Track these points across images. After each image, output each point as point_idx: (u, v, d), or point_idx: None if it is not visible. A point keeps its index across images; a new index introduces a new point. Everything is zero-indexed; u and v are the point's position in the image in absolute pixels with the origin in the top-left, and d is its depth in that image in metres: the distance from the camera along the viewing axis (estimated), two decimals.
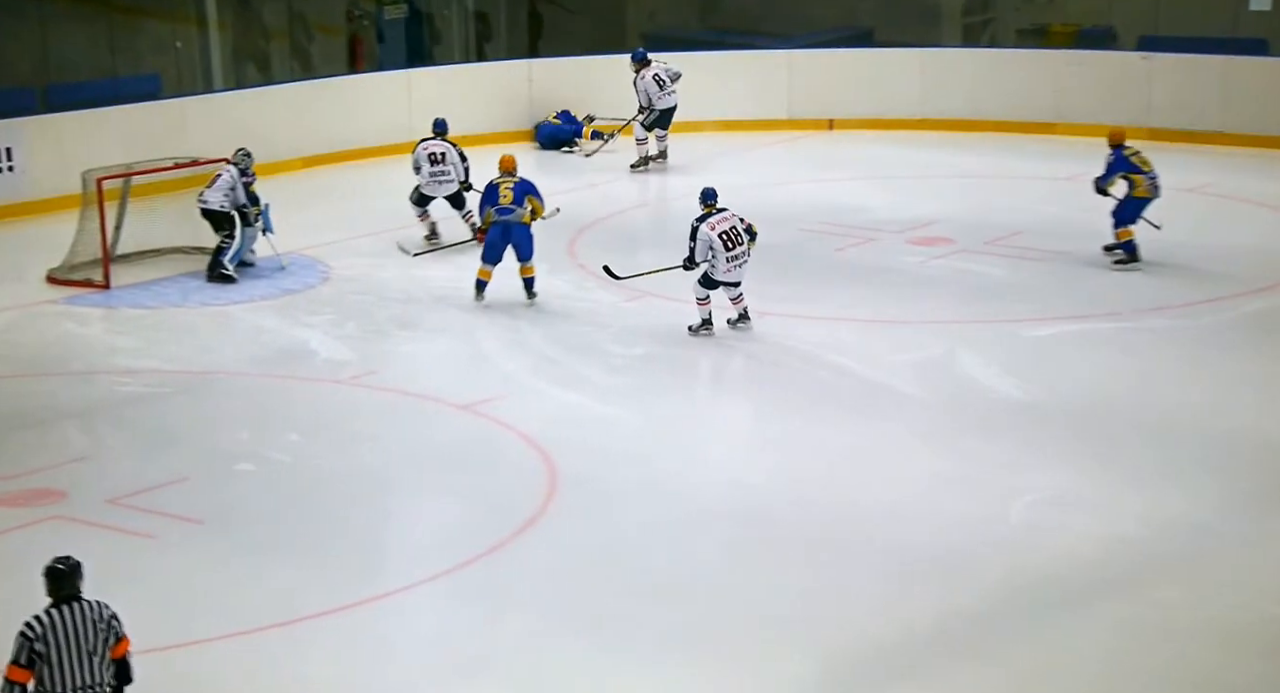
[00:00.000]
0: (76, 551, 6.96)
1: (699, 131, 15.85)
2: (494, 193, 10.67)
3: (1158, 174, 11.12)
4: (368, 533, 7.31)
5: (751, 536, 7.23)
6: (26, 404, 8.80)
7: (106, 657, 4.96)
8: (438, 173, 12.07)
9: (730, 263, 9.75)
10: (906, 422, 8.60)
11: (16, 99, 14.08)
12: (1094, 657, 6.15)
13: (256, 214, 11.19)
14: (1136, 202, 11.11)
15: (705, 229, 9.74)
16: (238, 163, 11.24)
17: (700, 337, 9.90)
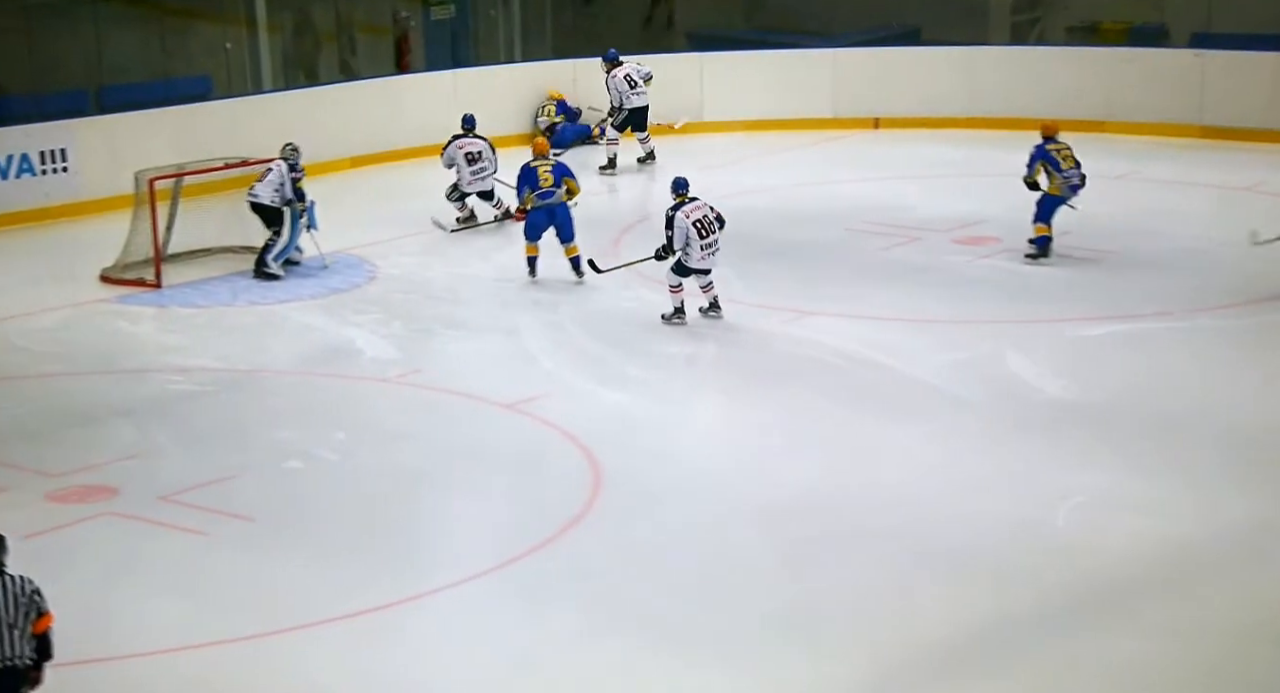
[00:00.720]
0: (130, 547, 7.13)
1: (744, 131, 15.84)
2: (533, 176, 11.11)
3: (1076, 175, 11.13)
4: (413, 531, 7.37)
5: (795, 535, 7.22)
6: (80, 402, 8.93)
7: (27, 630, 5.08)
8: (478, 171, 12.37)
9: (704, 250, 9.93)
10: (951, 422, 8.55)
11: (71, 101, 14.30)
12: (1146, 658, 6.10)
13: (302, 210, 11.26)
14: (1051, 198, 11.18)
15: (681, 217, 9.89)
16: (286, 158, 11.34)
17: (674, 325, 10.04)
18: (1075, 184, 11.10)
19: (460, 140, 12.45)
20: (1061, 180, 11.06)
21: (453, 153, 12.42)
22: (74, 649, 6.13)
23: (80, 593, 6.66)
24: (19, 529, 7.14)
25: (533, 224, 11.14)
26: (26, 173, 12.78)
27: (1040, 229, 11.25)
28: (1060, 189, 11.11)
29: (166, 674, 6.06)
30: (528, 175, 11.12)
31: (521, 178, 11.19)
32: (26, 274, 11.45)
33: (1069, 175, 11.06)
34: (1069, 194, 11.14)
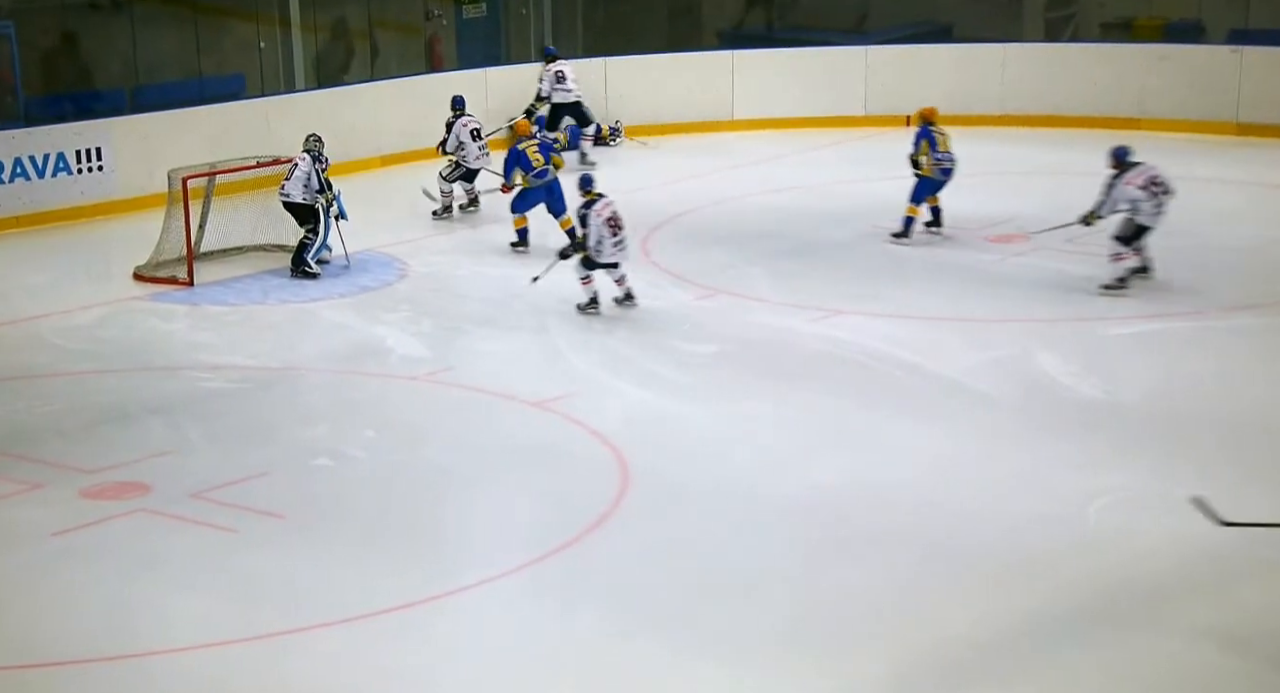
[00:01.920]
0: (161, 543, 7.19)
1: (774, 129, 15.81)
2: (523, 157, 11.72)
3: (949, 159, 11.67)
4: (441, 529, 7.40)
5: (824, 535, 7.20)
6: (113, 399, 9.01)
7: None
8: (483, 147, 12.69)
9: (614, 246, 10.16)
10: (982, 421, 8.51)
11: (107, 100, 14.44)
12: (1175, 660, 6.06)
13: (329, 200, 11.26)
14: (925, 181, 11.73)
15: (594, 215, 10.13)
16: (310, 149, 11.36)
17: (588, 315, 10.27)
18: (947, 168, 11.70)
19: (463, 119, 12.68)
20: (934, 162, 11.67)
21: (459, 132, 12.61)
22: (106, 645, 6.21)
23: (113, 589, 6.73)
24: (53, 525, 7.26)
25: (530, 201, 11.79)
26: (63, 172, 12.90)
27: (912, 210, 11.80)
28: (933, 171, 11.71)
29: (197, 670, 6.10)
30: (518, 157, 11.69)
31: (511, 160, 11.75)
32: (62, 272, 11.56)
33: (941, 158, 11.66)
34: (940, 177, 11.74)
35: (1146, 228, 10.56)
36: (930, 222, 12.03)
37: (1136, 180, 10.49)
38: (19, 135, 12.84)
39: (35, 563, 6.95)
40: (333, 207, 11.29)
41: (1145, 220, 10.53)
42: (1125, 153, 10.65)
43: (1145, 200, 10.44)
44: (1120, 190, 10.53)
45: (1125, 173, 10.56)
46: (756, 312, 10.44)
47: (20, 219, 12.61)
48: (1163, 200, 10.48)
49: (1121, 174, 10.57)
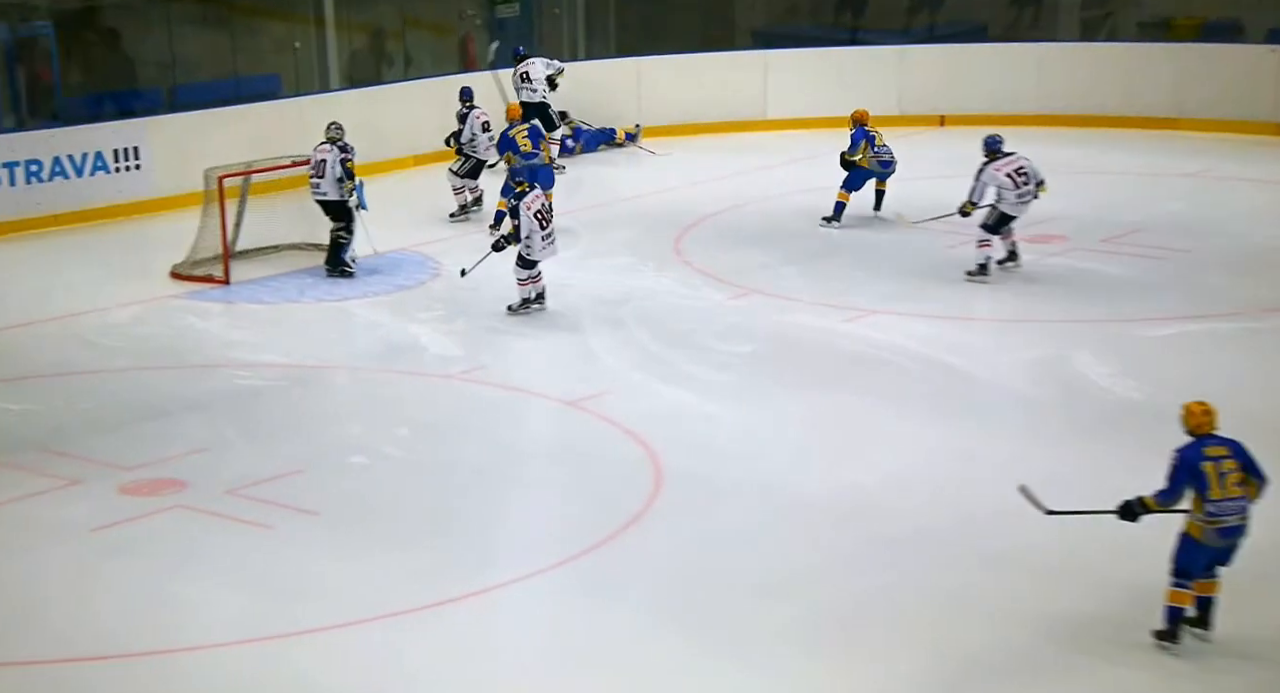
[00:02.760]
0: (198, 540, 7.24)
1: (808, 129, 15.76)
2: (512, 142, 12.21)
3: (886, 151, 12.38)
4: (474, 527, 7.41)
5: (858, 535, 7.18)
6: (151, 396, 9.08)
7: None
8: (494, 137, 12.68)
9: (544, 241, 10.18)
10: (1018, 422, 8.46)
11: (144, 99, 14.55)
12: (1212, 662, 6.01)
13: (350, 189, 11.19)
14: (861, 171, 12.44)
15: (523, 208, 10.13)
16: (333, 138, 11.32)
17: (521, 315, 10.26)
18: (885, 160, 12.40)
19: (475, 111, 12.76)
20: (873, 155, 12.35)
21: (473, 124, 12.70)
22: (144, 640, 6.26)
23: (151, 584, 6.78)
24: (93, 521, 7.32)
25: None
26: (101, 170, 13.01)
27: (842, 196, 12.48)
28: (870, 163, 12.37)
29: (232, 666, 6.14)
30: (507, 142, 12.20)
31: (501, 142, 12.30)
32: (100, 270, 11.65)
33: (879, 151, 12.39)
34: (880, 169, 12.41)
35: (1011, 217, 10.94)
36: (876, 206, 12.68)
37: (1004, 169, 10.90)
38: (58, 134, 12.96)
39: (75, 558, 7.02)
40: (352, 197, 11.24)
41: (1008, 209, 10.90)
42: (996, 142, 11.05)
43: (1010, 189, 10.83)
44: (988, 175, 10.91)
45: (995, 161, 10.95)
46: (790, 311, 10.42)
47: (59, 217, 12.73)
48: (1026, 191, 10.85)
49: (991, 162, 10.96)
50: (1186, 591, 6.01)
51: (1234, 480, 5.91)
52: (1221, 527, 5.93)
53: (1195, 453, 5.96)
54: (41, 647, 6.25)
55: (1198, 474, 5.91)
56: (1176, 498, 5.99)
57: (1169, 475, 5.99)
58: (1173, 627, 6.02)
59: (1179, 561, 6.01)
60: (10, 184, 12.51)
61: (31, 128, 13.21)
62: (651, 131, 15.94)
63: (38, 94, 13.78)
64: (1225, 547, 5.99)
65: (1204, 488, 5.90)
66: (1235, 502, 5.92)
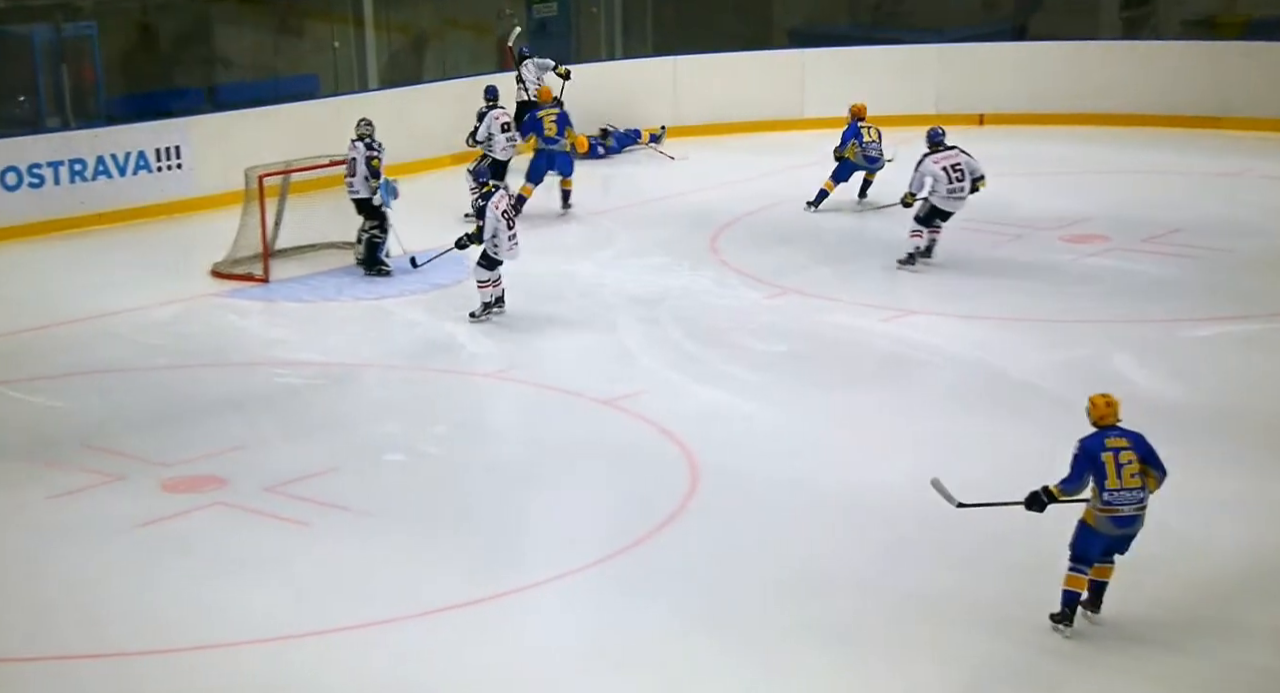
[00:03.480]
0: (237, 537, 7.30)
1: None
2: (539, 124, 12.60)
3: (875, 148, 12.60)
4: (510, 526, 7.44)
5: (895, 536, 7.15)
6: (191, 393, 9.17)
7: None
8: (512, 138, 12.75)
9: (510, 241, 10.08)
10: (1057, 423, 8.35)
11: (186, 99, 14.67)
12: (1254, 665, 5.96)
13: (375, 187, 11.22)
14: (849, 163, 12.75)
15: (491, 208, 10.01)
16: (361, 136, 11.34)
17: (484, 320, 10.13)
18: (872, 156, 12.66)
19: (495, 111, 12.74)
20: (860, 149, 12.64)
21: (490, 124, 12.66)
22: (184, 635, 6.33)
23: (190, 580, 6.85)
24: (135, 517, 7.40)
25: (535, 166, 12.54)
26: (143, 169, 13.13)
27: (828, 185, 12.81)
28: (857, 157, 12.67)
29: (269, 662, 6.19)
30: (534, 123, 12.60)
31: (527, 123, 12.69)
32: (142, 269, 11.76)
33: (867, 147, 12.66)
34: (864, 163, 12.71)
35: (942, 211, 11.13)
36: (860, 193, 13.04)
37: (941, 162, 11.10)
38: (102, 134, 13.09)
39: (117, 554, 7.09)
40: (376, 194, 11.27)
41: (939, 202, 11.09)
42: (939, 134, 11.30)
43: (942, 183, 11.01)
44: (926, 166, 11.12)
45: (934, 153, 11.16)
46: (827, 311, 10.39)
47: (103, 216, 12.86)
48: (957, 187, 11.05)
49: (930, 154, 11.18)
50: (1083, 576, 6.16)
51: (1131, 472, 6.06)
52: (1116, 515, 6.07)
53: (1097, 443, 6.11)
54: (83, 641, 6.33)
55: (1098, 464, 6.05)
56: (1079, 487, 6.12)
57: (1071, 464, 6.12)
58: (1068, 610, 6.17)
59: (1076, 547, 6.17)
60: (55, 183, 12.66)
61: (76, 127, 13.36)
62: (688, 131, 15.93)
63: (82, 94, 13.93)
64: (1120, 535, 6.13)
65: (1102, 478, 6.05)
66: (1131, 492, 6.07)
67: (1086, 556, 6.15)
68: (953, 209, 11.14)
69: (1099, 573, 6.22)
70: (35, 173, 12.53)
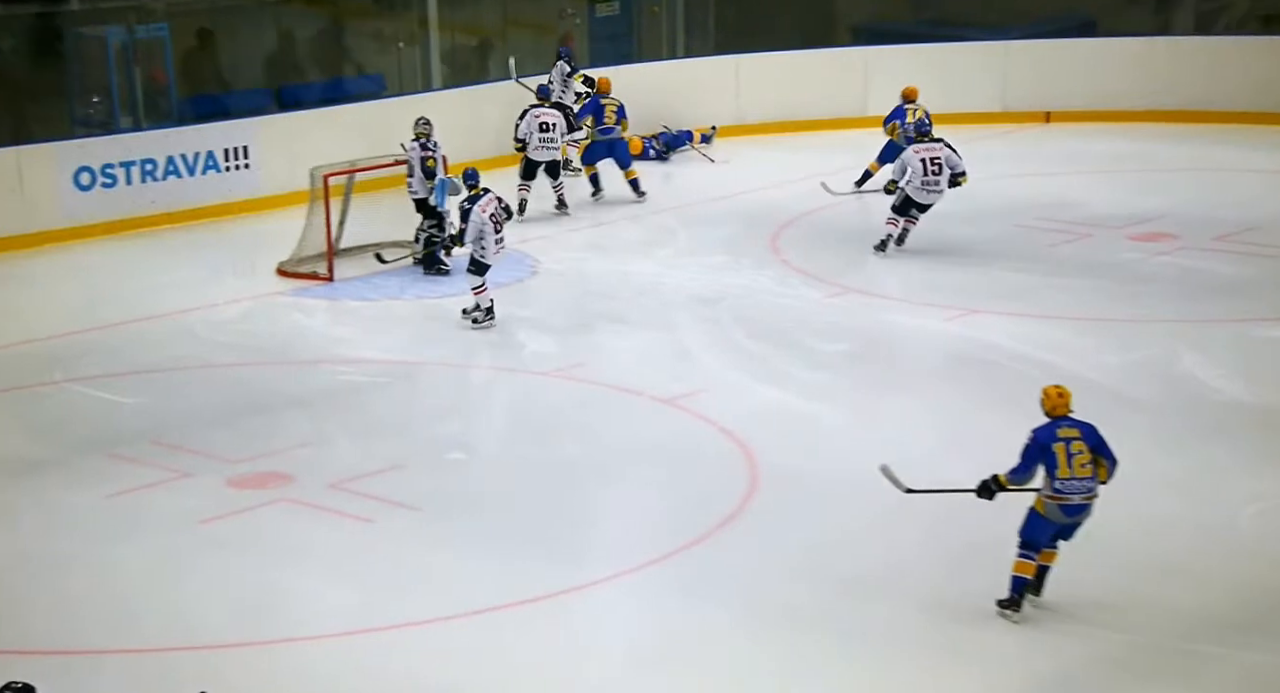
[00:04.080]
0: (302, 533, 7.39)
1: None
2: (601, 110, 13.07)
3: (911, 128, 12.40)
4: (570, 524, 7.47)
5: (957, 537, 7.08)
6: (257, 391, 9.29)
7: None
8: (546, 139, 12.63)
9: (497, 244, 10.01)
10: (1122, 424, 8.20)
11: (253, 99, 14.86)
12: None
13: (431, 187, 11.28)
14: (892, 144, 12.79)
15: (477, 211, 9.89)
16: (417, 136, 11.41)
17: (483, 328, 10.01)
18: (910, 137, 12.30)
19: (536, 110, 12.71)
20: (903, 130, 12.65)
21: (529, 123, 12.63)
22: (248, 631, 6.42)
23: (256, 576, 6.94)
24: (201, 513, 7.52)
25: (592, 151, 13.12)
26: (211, 169, 13.32)
27: (872, 166, 13.10)
28: (900, 138, 12.62)
29: (333, 658, 6.26)
30: (595, 108, 13.02)
31: (589, 107, 13.12)
32: (210, 267, 11.93)
33: (906, 127, 12.64)
34: (904, 144, 12.32)
35: (916, 202, 11.31)
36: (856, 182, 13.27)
37: (922, 154, 11.29)
38: (172, 134, 13.30)
39: (184, 549, 7.20)
40: (431, 195, 11.34)
41: (914, 193, 11.30)
42: (925, 126, 11.81)
43: (919, 175, 11.21)
44: (908, 155, 11.36)
45: (918, 143, 11.44)
46: (888, 310, 10.31)
47: (172, 215, 13.07)
48: (933, 180, 11.22)
49: (913, 143, 11.50)
50: (1031, 562, 6.29)
51: (1082, 461, 6.17)
52: (1066, 504, 6.19)
53: (1049, 434, 6.21)
54: (149, 635, 6.44)
55: (1049, 453, 6.17)
56: (1028, 476, 6.23)
57: (1022, 454, 6.23)
58: (1016, 596, 6.28)
59: (1025, 534, 6.29)
60: (126, 183, 12.88)
61: (147, 128, 13.58)
62: (749, 129, 15.88)
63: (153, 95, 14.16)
64: (1069, 524, 6.24)
65: (1053, 467, 6.16)
66: (1081, 482, 6.18)
67: (1035, 542, 6.27)
68: (926, 201, 11.32)
69: (1044, 558, 6.34)
70: (108, 173, 12.76)
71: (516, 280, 11.39)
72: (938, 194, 11.30)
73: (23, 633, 6.41)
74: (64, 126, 13.61)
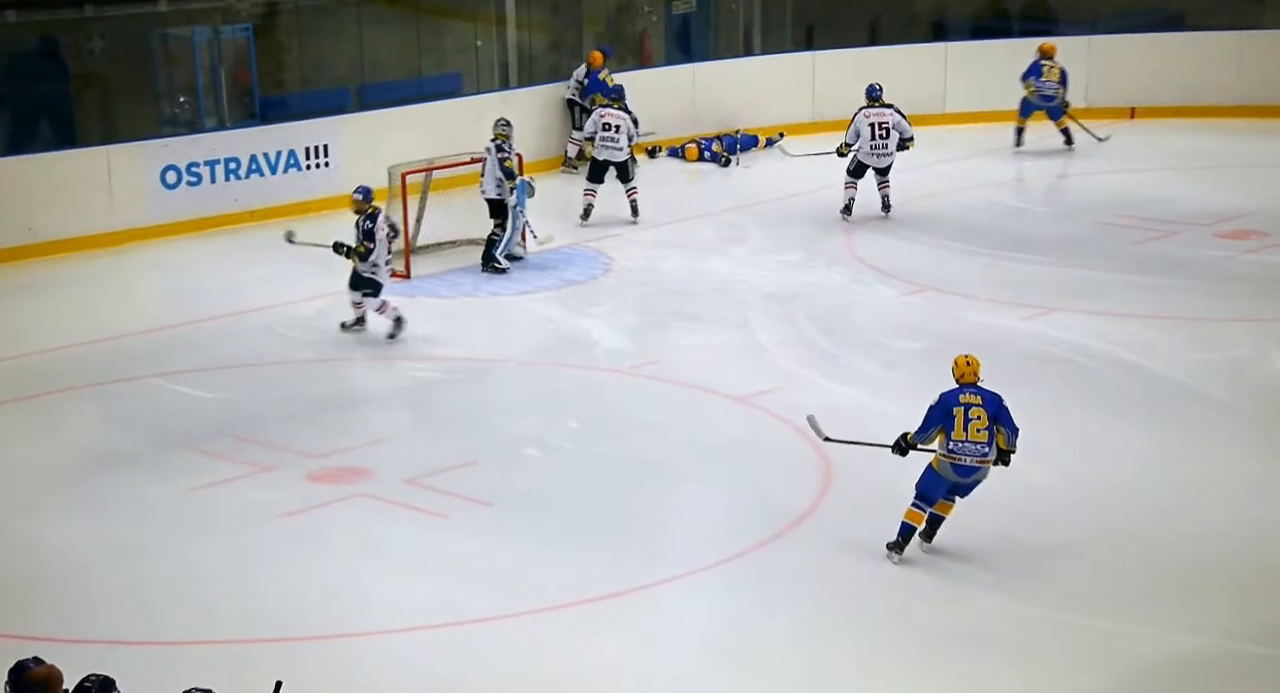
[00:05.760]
0: (380, 528, 7.47)
1: (989, 122, 15.36)
2: (602, 85, 13.03)
3: (1050, 86, 13.74)
4: (643, 521, 7.48)
5: (1037, 539, 6.99)
6: (335, 387, 9.42)
7: None
8: (606, 139, 12.54)
9: (386, 265, 10.00)
10: (1211, 425, 8.11)
11: (334, 98, 15.05)
12: None
13: (511, 188, 11.31)
14: (1027, 102, 14.04)
15: (378, 229, 9.93)
16: (495, 137, 11.48)
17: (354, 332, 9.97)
18: (1047, 94, 13.63)
19: (603, 110, 12.74)
20: (1036, 87, 13.73)
21: (595, 121, 12.69)
22: (325, 624, 6.51)
23: (334, 570, 7.04)
24: (282, 507, 7.64)
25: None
26: (293, 168, 13.52)
27: (1020, 121, 14.01)
28: (1034, 96, 13.79)
29: (406, 652, 6.32)
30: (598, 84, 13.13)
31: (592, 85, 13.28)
32: (289, 265, 12.07)
33: (1041, 85, 13.70)
34: (1039, 101, 13.75)
35: (866, 165, 12.02)
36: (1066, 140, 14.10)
37: (870, 119, 11.96)
38: (255, 133, 13.52)
39: (265, 543, 7.32)
40: (511, 197, 11.38)
41: (864, 158, 12.03)
42: (874, 90, 12.18)
43: (867, 139, 11.91)
44: (858, 120, 12.03)
45: (868, 108, 12.04)
46: (966, 308, 10.18)
47: (255, 213, 13.28)
48: (880, 143, 11.93)
49: (864, 108, 12.05)
50: (921, 512, 6.79)
51: (978, 427, 6.63)
52: (957, 464, 6.67)
53: (952, 398, 6.71)
54: (230, 628, 6.54)
55: (949, 417, 6.66)
56: (929, 435, 6.75)
57: (925, 414, 6.72)
58: (902, 540, 6.79)
59: (920, 487, 6.78)
60: (211, 181, 13.11)
61: (231, 127, 13.82)
62: (826, 126, 15.70)
63: (238, 94, 14.40)
64: (962, 483, 6.71)
65: (950, 428, 6.65)
66: (975, 445, 6.64)
67: (928, 495, 6.78)
68: (874, 164, 12.03)
69: (940, 509, 6.83)
70: (193, 172, 13.00)
71: (590, 278, 11.43)
72: (887, 157, 11.99)
73: (103, 624, 6.54)
74: (152, 126, 13.89)
